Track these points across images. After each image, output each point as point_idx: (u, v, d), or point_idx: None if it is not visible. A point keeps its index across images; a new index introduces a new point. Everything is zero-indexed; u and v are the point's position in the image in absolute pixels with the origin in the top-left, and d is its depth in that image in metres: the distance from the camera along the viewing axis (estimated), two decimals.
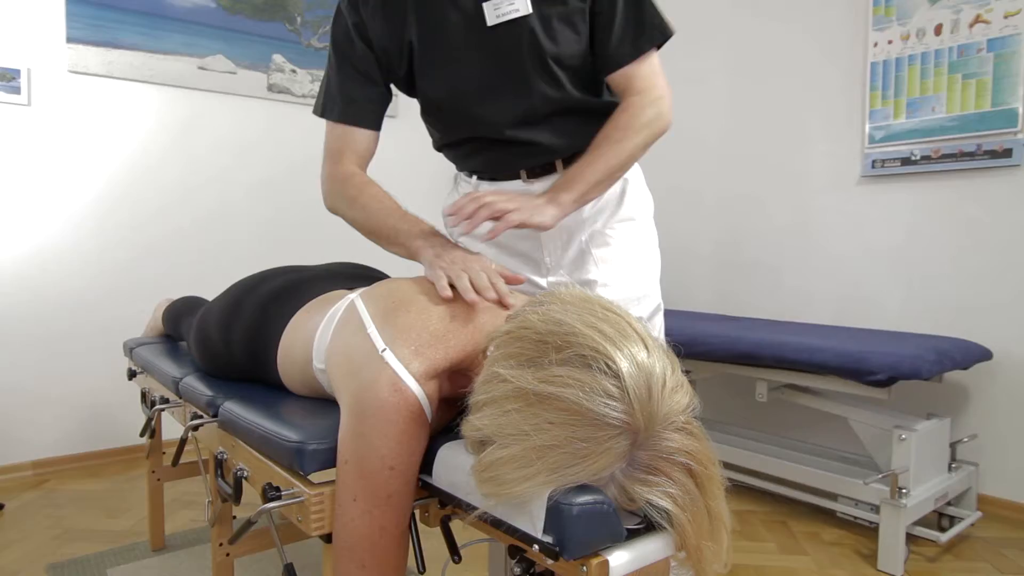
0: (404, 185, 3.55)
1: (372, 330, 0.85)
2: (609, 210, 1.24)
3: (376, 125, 1.25)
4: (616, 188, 1.24)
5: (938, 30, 2.46)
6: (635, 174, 1.29)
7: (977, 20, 2.36)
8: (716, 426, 2.76)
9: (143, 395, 1.76)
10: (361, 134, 1.24)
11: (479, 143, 1.21)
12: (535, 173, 1.20)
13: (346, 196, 1.20)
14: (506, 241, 1.26)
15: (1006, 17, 2.30)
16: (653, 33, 1.11)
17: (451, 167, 1.40)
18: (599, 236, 1.24)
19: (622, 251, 1.24)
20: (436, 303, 0.88)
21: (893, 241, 2.62)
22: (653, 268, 1.29)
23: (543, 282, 1.27)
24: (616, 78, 1.13)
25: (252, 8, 3.09)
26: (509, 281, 0.96)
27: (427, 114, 1.26)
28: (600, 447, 0.62)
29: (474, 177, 1.29)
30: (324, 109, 1.25)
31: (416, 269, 1.02)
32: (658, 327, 1.29)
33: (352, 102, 1.21)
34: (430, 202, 3.68)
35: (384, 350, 0.81)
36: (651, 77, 1.12)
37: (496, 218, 0.98)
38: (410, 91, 1.24)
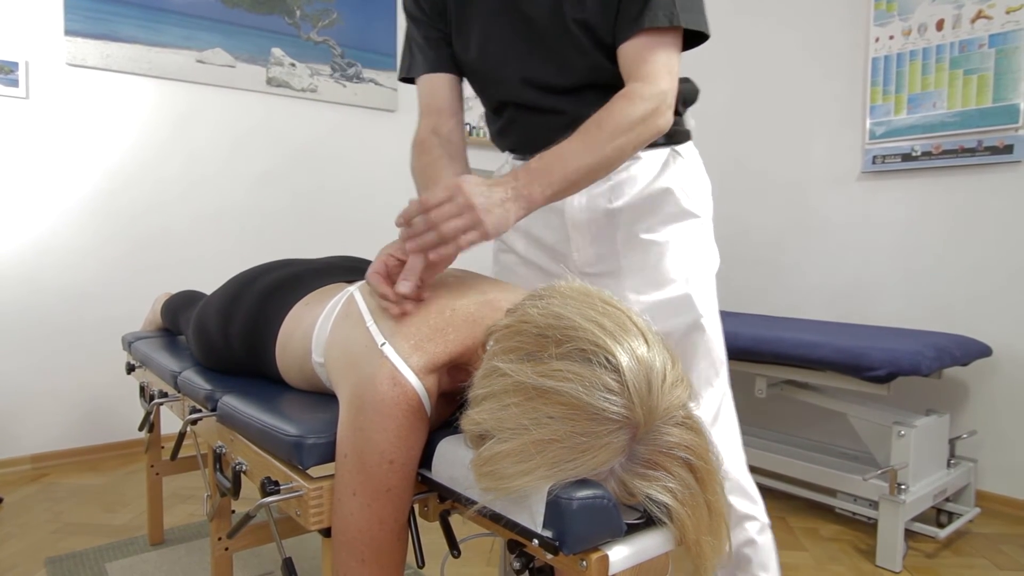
0: (402, 179, 3.55)
1: (371, 324, 0.85)
2: (648, 208, 1.12)
3: (445, 69, 1.17)
4: (660, 183, 1.12)
5: (939, 25, 2.45)
6: (687, 167, 1.14)
7: (979, 15, 2.36)
8: None
9: (142, 389, 1.76)
10: (433, 86, 1.18)
11: (511, 112, 1.16)
12: None
13: (412, 164, 1.17)
14: (536, 232, 1.20)
15: (1008, 13, 2.29)
16: (656, 13, 0.97)
17: None
18: (634, 239, 1.13)
19: (659, 258, 1.12)
20: (435, 297, 0.88)
21: (893, 237, 2.62)
22: (697, 280, 1.13)
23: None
24: (619, 57, 1.02)
25: (251, 1, 3.08)
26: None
27: (466, 76, 1.21)
28: (600, 441, 0.61)
29: (511, 155, 1.23)
30: (400, 68, 1.22)
31: None
32: (701, 348, 1.12)
33: (417, 56, 1.18)
34: None
35: (383, 344, 0.81)
36: (654, 65, 0.98)
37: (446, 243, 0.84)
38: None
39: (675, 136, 1.13)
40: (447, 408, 0.87)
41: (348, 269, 1.21)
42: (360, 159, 3.43)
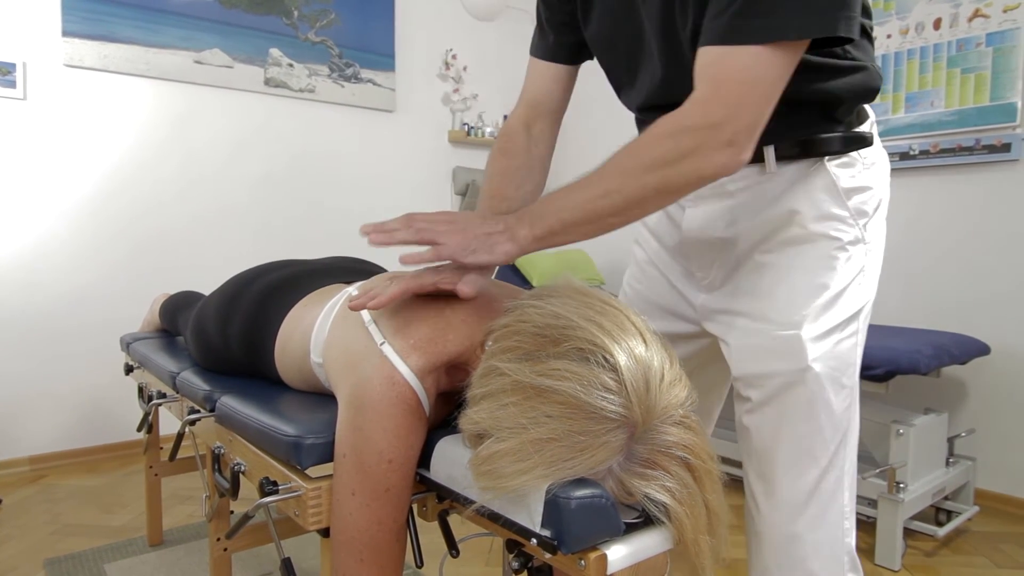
0: (401, 176, 3.55)
1: (370, 324, 0.85)
2: (768, 231, 0.90)
3: (559, 59, 1.04)
4: (786, 204, 0.87)
5: (937, 24, 2.45)
6: (836, 181, 0.87)
7: (976, 14, 2.36)
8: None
9: (140, 390, 1.76)
10: (540, 73, 1.06)
11: (636, 119, 1.03)
12: None
13: (492, 152, 1.06)
14: (663, 235, 1.05)
15: (1005, 11, 2.29)
16: (742, 19, 0.70)
17: (448, 161, 1.36)
18: (749, 260, 0.92)
19: (772, 284, 0.89)
20: (434, 297, 0.88)
21: (891, 236, 2.60)
22: (818, 320, 0.85)
23: (698, 298, 1.00)
24: (695, 63, 0.77)
25: (249, 2, 3.07)
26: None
27: None
28: (598, 440, 0.61)
29: None
30: (531, 46, 1.10)
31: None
32: (804, 406, 0.85)
33: (545, 36, 1.06)
34: (427, 193, 3.67)
35: (383, 344, 0.81)
36: (718, 84, 0.73)
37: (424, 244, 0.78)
38: None
39: (825, 146, 0.86)
40: (446, 408, 0.87)
41: (347, 270, 1.21)
42: (358, 159, 3.42)
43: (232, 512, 1.53)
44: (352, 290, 0.97)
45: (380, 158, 3.49)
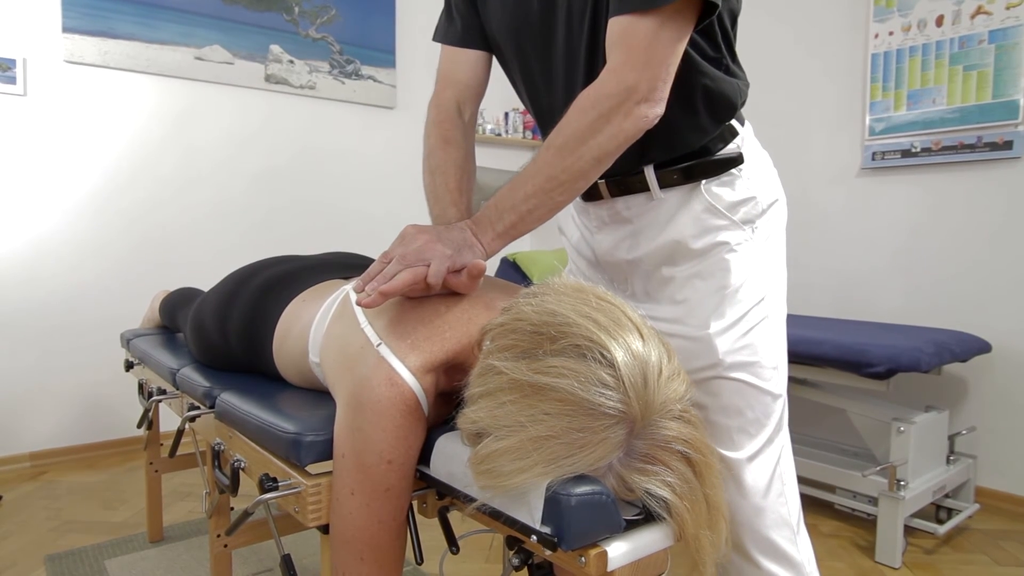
0: (401, 176, 3.55)
1: (365, 325, 0.85)
2: (664, 255, 0.97)
3: (476, 44, 1.06)
4: (670, 234, 0.95)
5: (939, 21, 2.45)
6: (713, 204, 0.93)
7: (979, 11, 2.35)
8: None
9: (140, 386, 1.76)
10: (461, 56, 1.07)
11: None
12: (620, 188, 0.97)
13: (425, 146, 1.06)
14: (587, 254, 1.11)
15: (1008, 8, 2.29)
16: None
17: None
18: (657, 275, 0.99)
19: (684, 293, 0.96)
20: (431, 296, 0.87)
21: (893, 233, 2.61)
22: (725, 319, 0.93)
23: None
24: (607, 33, 0.84)
25: None
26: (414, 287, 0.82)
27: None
28: (597, 437, 0.61)
29: None
30: (435, 32, 1.12)
31: None
32: (725, 398, 0.94)
33: (453, 22, 1.07)
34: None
35: (379, 344, 0.80)
36: (627, 52, 0.80)
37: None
38: None
39: (701, 170, 0.94)
40: (445, 408, 0.86)
41: (345, 266, 1.21)
42: (359, 156, 3.42)
43: (232, 508, 1.53)
44: (349, 287, 0.97)
45: (380, 155, 3.49)
